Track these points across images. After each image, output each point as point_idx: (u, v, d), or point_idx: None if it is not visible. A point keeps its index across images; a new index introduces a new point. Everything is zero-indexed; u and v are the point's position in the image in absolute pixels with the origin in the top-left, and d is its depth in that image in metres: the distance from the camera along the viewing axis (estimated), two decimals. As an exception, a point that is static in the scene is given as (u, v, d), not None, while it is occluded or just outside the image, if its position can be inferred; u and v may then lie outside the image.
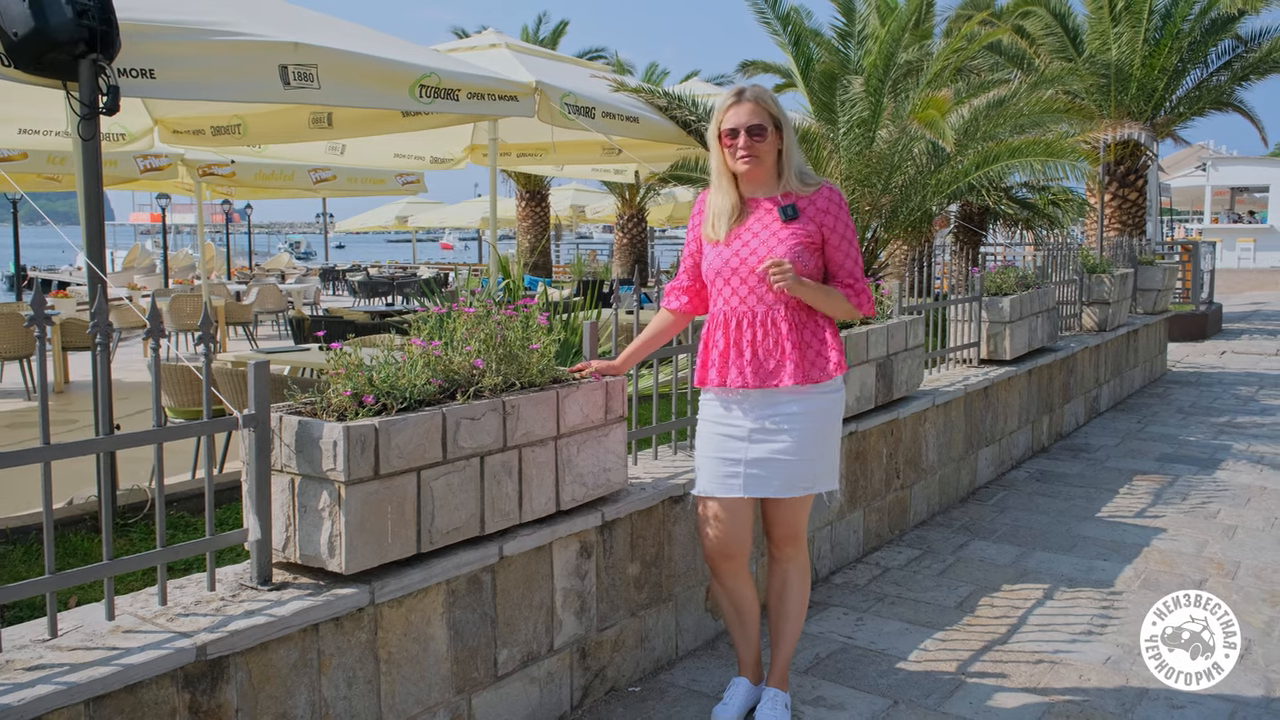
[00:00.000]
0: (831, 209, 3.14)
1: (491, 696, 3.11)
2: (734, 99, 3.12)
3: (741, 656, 3.39)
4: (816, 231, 3.11)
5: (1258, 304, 21.17)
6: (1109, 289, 8.91)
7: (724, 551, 3.21)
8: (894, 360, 5.18)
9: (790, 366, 3.06)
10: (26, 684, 2.12)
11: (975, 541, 5.38)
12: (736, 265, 3.11)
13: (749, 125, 3.07)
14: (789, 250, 3.05)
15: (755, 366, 3.08)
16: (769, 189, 3.17)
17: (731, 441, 3.14)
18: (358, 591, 2.68)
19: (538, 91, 6.90)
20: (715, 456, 3.17)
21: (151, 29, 4.61)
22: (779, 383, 3.07)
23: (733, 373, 3.10)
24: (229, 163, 11.09)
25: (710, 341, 3.18)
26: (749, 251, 3.11)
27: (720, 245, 3.15)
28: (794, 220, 3.10)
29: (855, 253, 3.20)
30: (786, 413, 3.09)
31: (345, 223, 32.89)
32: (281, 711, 2.55)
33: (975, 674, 3.78)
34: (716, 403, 3.19)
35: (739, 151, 3.08)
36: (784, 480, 3.13)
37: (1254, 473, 6.83)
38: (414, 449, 2.77)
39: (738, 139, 3.08)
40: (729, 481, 3.14)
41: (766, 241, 3.09)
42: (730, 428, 3.14)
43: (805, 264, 3.07)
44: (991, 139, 7.73)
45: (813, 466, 3.15)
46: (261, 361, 2.62)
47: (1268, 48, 13.95)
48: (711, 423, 3.20)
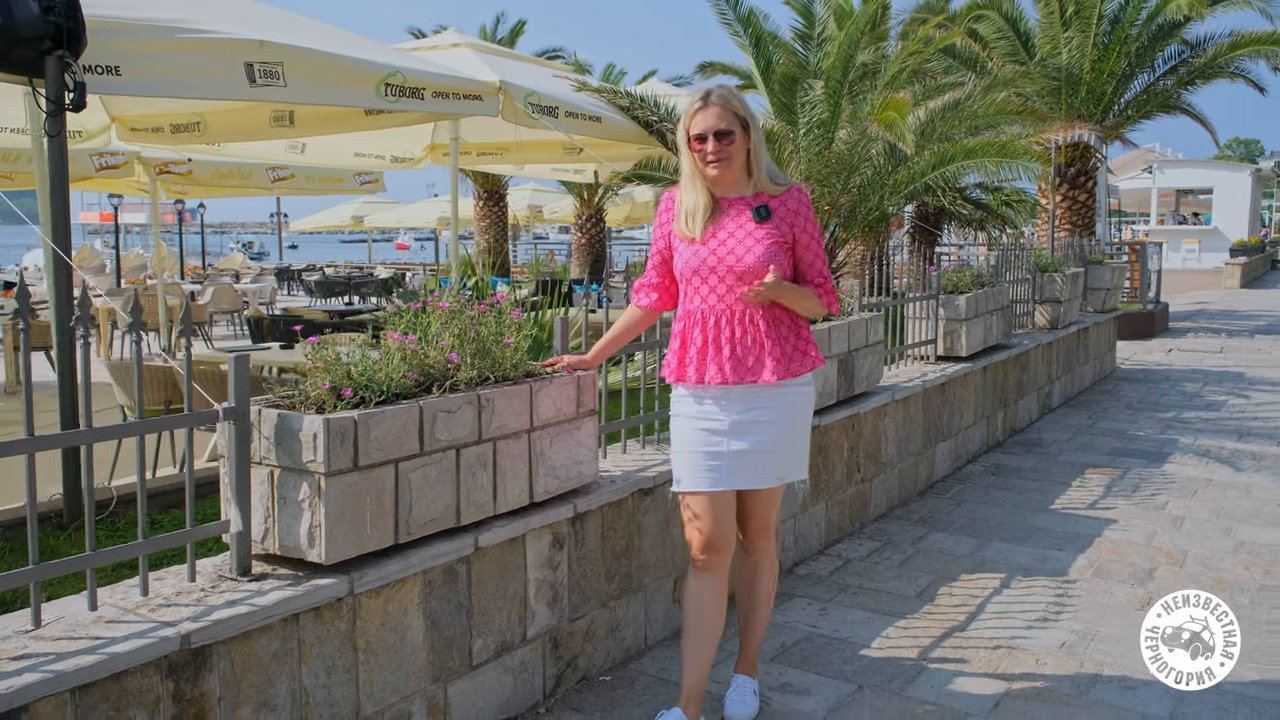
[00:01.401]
0: (802, 210, 3.18)
1: (467, 685, 3.16)
2: (700, 103, 3.12)
3: (686, 682, 3.19)
4: (789, 231, 3.15)
5: (1202, 303, 21.71)
6: (1060, 288, 9.13)
7: (713, 544, 3.17)
8: (855, 356, 5.30)
9: (771, 362, 3.09)
10: (13, 673, 2.14)
11: (934, 533, 5.51)
12: (714, 264, 3.12)
13: (717, 130, 3.08)
14: (766, 250, 3.08)
15: (735, 363, 3.09)
16: (740, 188, 3.19)
17: (712, 435, 3.14)
18: (337, 582, 2.72)
19: (502, 91, 6.95)
20: (696, 451, 3.16)
21: (117, 25, 4.60)
22: (759, 379, 3.09)
23: (712, 369, 3.11)
24: (186, 161, 10.98)
25: (688, 339, 3.17)
26: (726, 251, 3.11)
27: (696, 243, 3.15)
28: (767, 220, 3.13)
29: (822, 252, 3.25)
30: (766, 406, 3.13)
31: (300, 222, 32.53)
32: (263, 700, 2.58)
33: (936, 660, 3.90)
34: (693, 398, 3.19)
35: (708, 156, 3.09)
36: (764, 471, 3.17)
37: (1200, 466, 7.05)
38: (392, 441, 2.82)
39: (706, 144, 3.09)
40: (711, 475, 3.13)
41: (744, 241, 3.11)
42: (710, 422, 3.14)
43: (780, 264, 3.10)
44: (947, 140, 7.89)
45: (789, 457, 3.22)
46: (242, 355, 2.65)
47: (1213, 53, 14.33)
48: (690, 418, 3.19)
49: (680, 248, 3.21)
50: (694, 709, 3.18)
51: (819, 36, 7.90)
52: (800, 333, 3.20)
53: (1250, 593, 4.62)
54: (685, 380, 3.16)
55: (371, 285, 21.25)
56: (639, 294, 3.40)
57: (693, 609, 3.19)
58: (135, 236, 53.89)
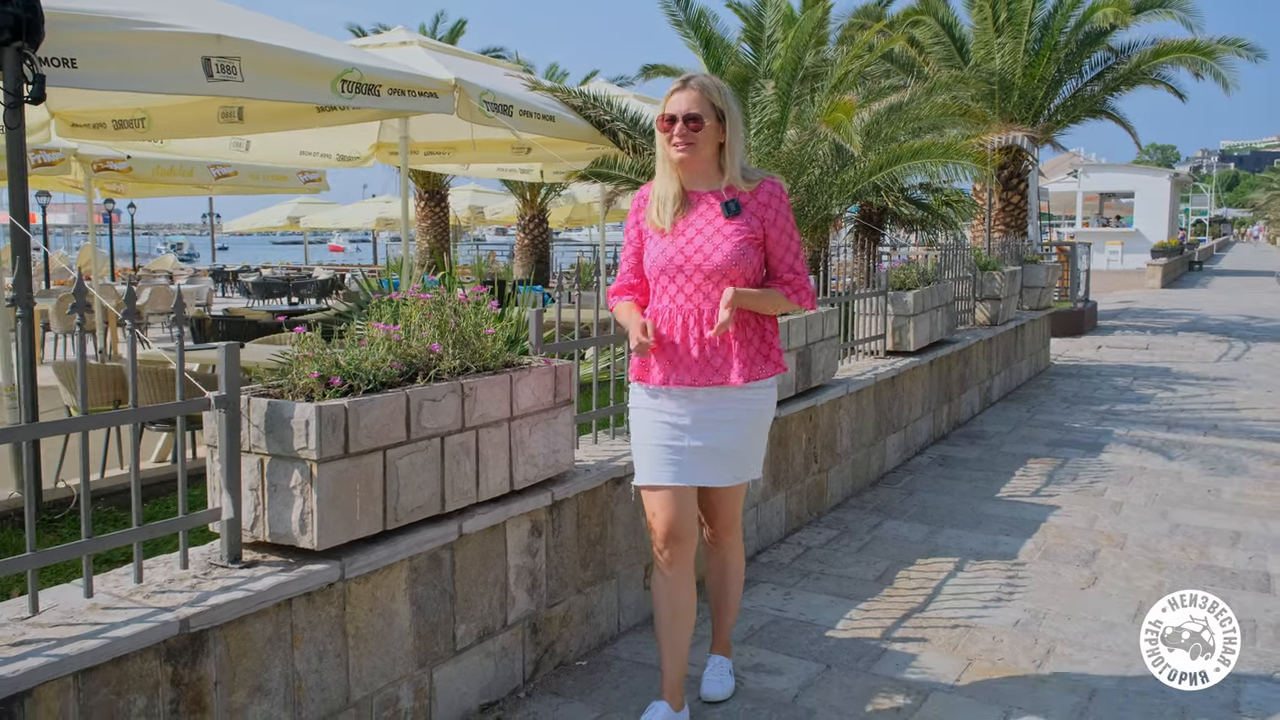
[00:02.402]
0: (773, 202, 3.12)
1: (451, 670, 3.21)
2: (679, 85, 3.06)
3: (666, 673, 3.23)
4: (759, 226, 3.10)
5: (1127, 302, 22.44)
6: (1000, 285, 9.41)
7: (673, 534, 3.15)
8: (812, 349, 5.44)
9: (737, 365, 3.07)
10: (16, 657, 2.15)
11: (888, 521, 5.68)
12: (681, 263, 3.08)
13: (686, 113, 3.02)
14: (734, 247, 3.04)
15: (703, 365, 3.08)
16: (711, 182, 3.14)
17: (673, 430, 3.12)
18: (328, 567, 2.76)
19: (457, 89, 6.98)
20: (656, 444, 3.13)
21: (76, 18, 4.56)
22: (725, 381, 3.07)
23: (680, 372, 3.09)
24: (125, 158, 10.78)
25: (656, 339, 3.11)
26: (694, 249, 3.08)
27: (664, 238, 3.12)
28: (736, 216, 3.08)
29: (795, 246, 3.18)
30: (729, 407, 3.11)
31: (234, 223, 31.92)
32: (257, 684, 2.61)
33: (899, 639, 4.04)
34: (654, 394, 3.16)
35: (674, 139, 3.04)
36: (723, 469, 3.15)
37: (1134, 454, 7.34)
38: (380, 429, 2.86)
39: (674, 126, 3.04)
40: (670, 469, 3.11)
41: (711, 239, 3.07)
42: (671, 415, 3.12)
43: (750, 261, 3.07)
44: (892, 141, 8.10)
45: (748, 457, 3.21)
46: (232, 345, 2.67)
47: (1136, 59, 14.84)
48: (650, 410, 3.16)
49: (650, 244, 3.17)
50: (678, 699, 3.23)
51: (768, 39, 8.05)
52: (765, 335, 3.17)
53: (1187, 572, 4.85)
54: (649, 381, 3.14)
55: (311, 286, 21.00)
56: (615, 298, 3.32)
57: (664, 603, 3.20)
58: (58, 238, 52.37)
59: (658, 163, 3.18)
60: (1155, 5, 14.31)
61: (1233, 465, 6.99)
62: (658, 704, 3.22)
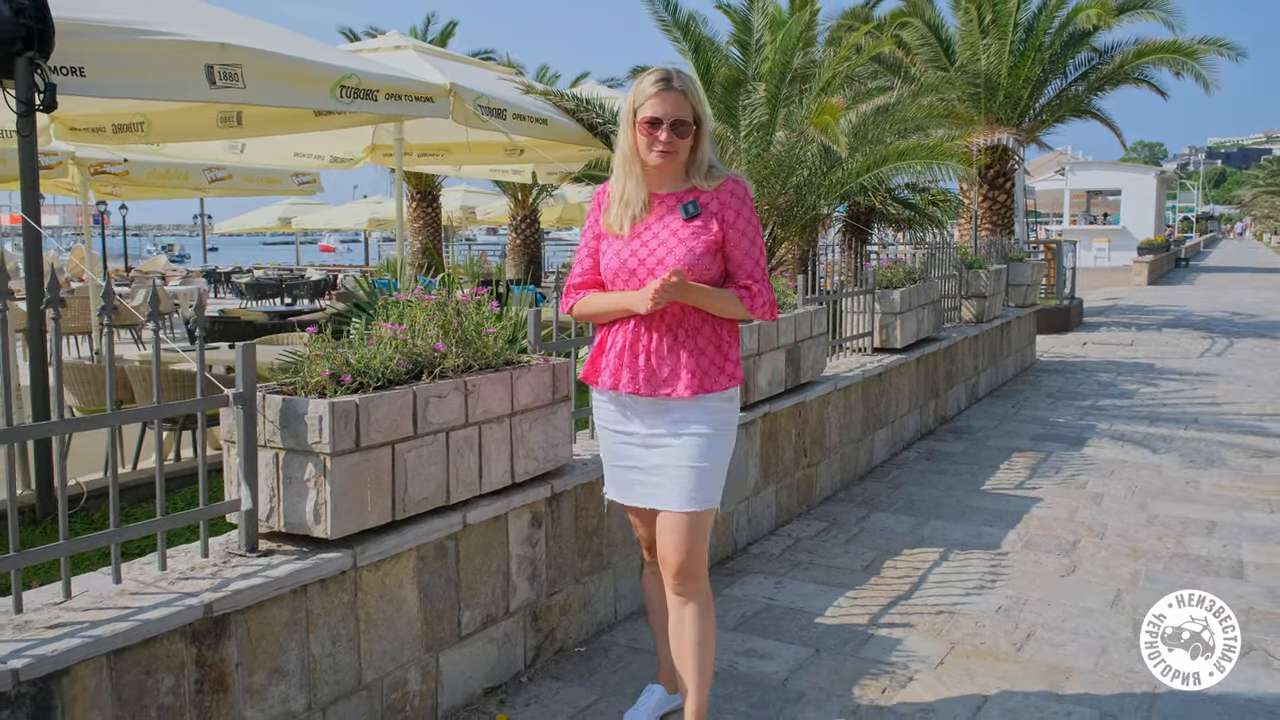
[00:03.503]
0: (733, 202, 2.92)
1: (456, 655, 3.36)
2: (662, 84, 2.85)
3: (662, 658, 3.30)
4: (717, 227, 2.91)
5: (1113, 299, 22.68)
6: (986, 283, 9.59)
7: (651, 549, 3.14)
8: (801, 347, 5.59)
9: (685, 376, 2.89)
10: (55, 638, 2.29)
11: (876, 513, 5.84)
12: (635, 266, 2.91)
13: (675, 120, 2.83)
14: (688, 251, 2.86)
15: (649, 374, 2.91)
16: (673, 183, 2.97)
17: (629, 448, 3.00)
18: (341, 555, 2.90)
19: (452, 93, 7.12)
20: (617, 464, 3.05)
21: (84, 28, 4.69)
22: (671, 392, 2.90)
23: (625, 377, 2.93)
24: (122, 161, 10.87)
25: (608, 340, 3.00)
26: (647, 252, 2.91)
27: (619, 241, 2.95)
28: (695, 218, 2.91)
29: (756, 250, 2.95)
30: (679, 419, 2.92)
31: (225, 224, 31.99)
32: (275, 666, 2.75)
33: (885, 624, 4.20)
34: (609, 404, 3.03)
35: (658, 145, 2.84)
36: (675, 492, 2.91)
37: (1116, 448, 7.51)
38: (390, 424, 3.00)
39: (658, 130, 2.84)
40: (634, 490, 3.01)
41: (666, 241, 2.89)
42: (626, 436, 3.00)
43: (707, 266, 2.88)
44: (879, 142, 8.27)
45: (703, 481, 2.91)
46: (249, 345, 2.81)
47: (1120, 60, 15.05)
48: (607, 428, 3.06)
49: (606, 246, 3.00)
50: (673, 682, 3.24)
51: (756, 43, 8.21)
52: (721, 345, 2.96)
53: (1164, 560, 5.03)
54: (599, 384, 3.01)
55: (304, 287, 21.09)
56: (569, 298, 3.10)
57: (654, 595, 3.22)
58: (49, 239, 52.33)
59: (619, 160, 2.96)
60: (1137, 6, 14.52)
61: (1211, 458, 7.18)
62: (653, 686, 3.35)
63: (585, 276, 3.05)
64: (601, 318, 3.03)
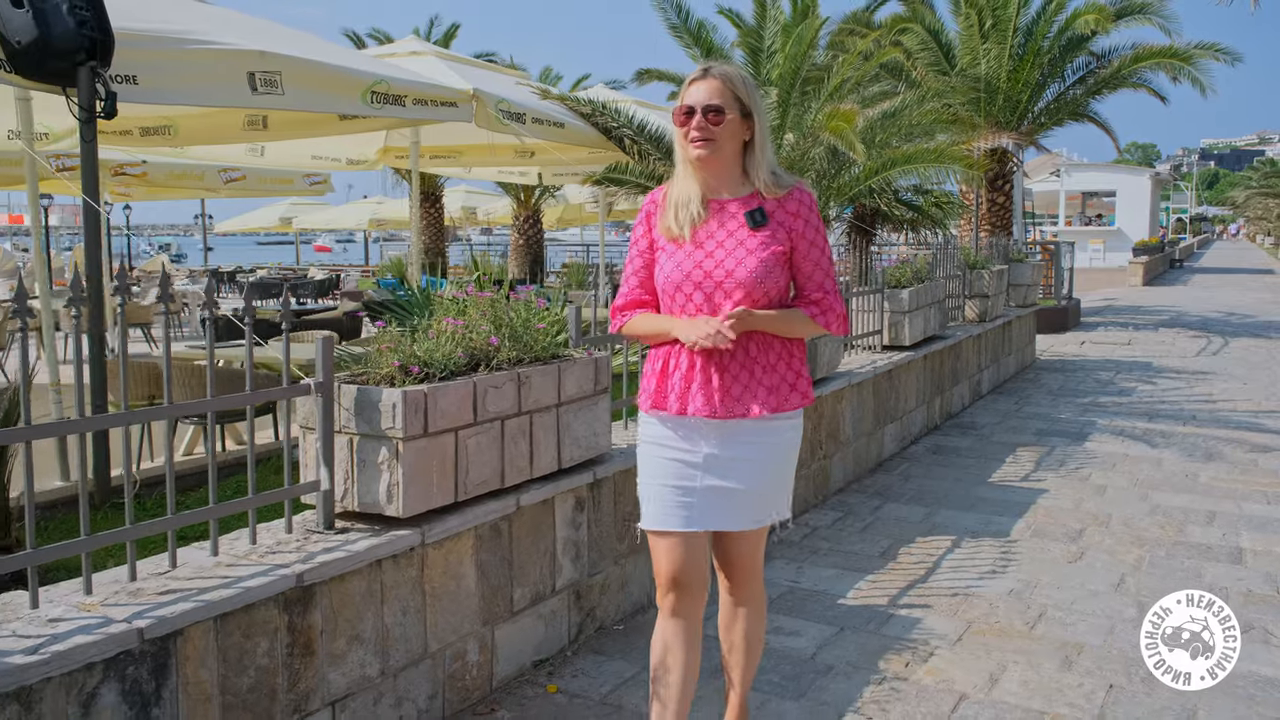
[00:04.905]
0: (803, 212, 2.77)
1: (509, 629, 3.59)
2: (699, 74, 2.74)
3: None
4: (786, 238, 2.75)
5: (1109, 300, 22.97)
6: (988, 283, 9.84)
7: (681, 583, 2.81)
8: (818, 344, 5.83)
9: (762, 394, 2.74)
10: (169, 602, 2.52)
11: (888, 504, 6.08)
12: (700, 278, 2.72)
13: (706, 104, 2.67)
14: (760, 263, 2.70)
15: (723, 394, 2.73)
16: (734, 188, 2.78)
17: (686, 468, 2.78)
18: (411, 533, 3.13)
19: (475, 98, 7.34)
20: (666, 484, 2.80)
21: (136, 37, 4.90)
22: (747, 413, 2.73)
23: (699, 400, 2.73)
24: (140, 162, 11.08)
25: (670, 363, 2.79)
26: (714, 264, 2.72)
27: (679, 249, 2.77)
28: (763, 227, 2.73)
29: (826, 262, 2.82)
30: (749, 442, 2.76)
31: (226, 223, 32.16)
32: (354, 634, 2.98)
33: (904, 605, 4.44)
34: (665, 426, 2.81)
35: (692, 133, 2.69)
36: (741, 512, 2.79)
37: (1117, 443, 7.77)
38: (453, 411, 3.23)
39: (692, 119, 2.70)
40: (681, 512, 2.78)
41: (734, 252, 2.71)
42: (684, 453, 2.78)
43: (776, 279, 2.73)
44: (886, 146, 8.51)
45: (770, 497, 2.83)
46: (328, 337, 3.04)
47: (1117, 64, 15.33)
48: (658, 445, 2.83)
49: (663, 256, 2.81)
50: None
51: (767, 49, 8.45)
52: (792, 362, 2.82)
53: (1166, 547, 5.27)
54: (665, 409, 2.79)
55: (308, 287, 21.27)
56: (615, 319, 2.94)
57: (658, 662, 2.87)
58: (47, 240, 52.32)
59: (677, 163, 2.85)
60: (1134, 12, 14.80)
61: (1209, 452, 7.43)
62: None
63: (631, 296, 2.89)
64: (646, 339, 2.89)
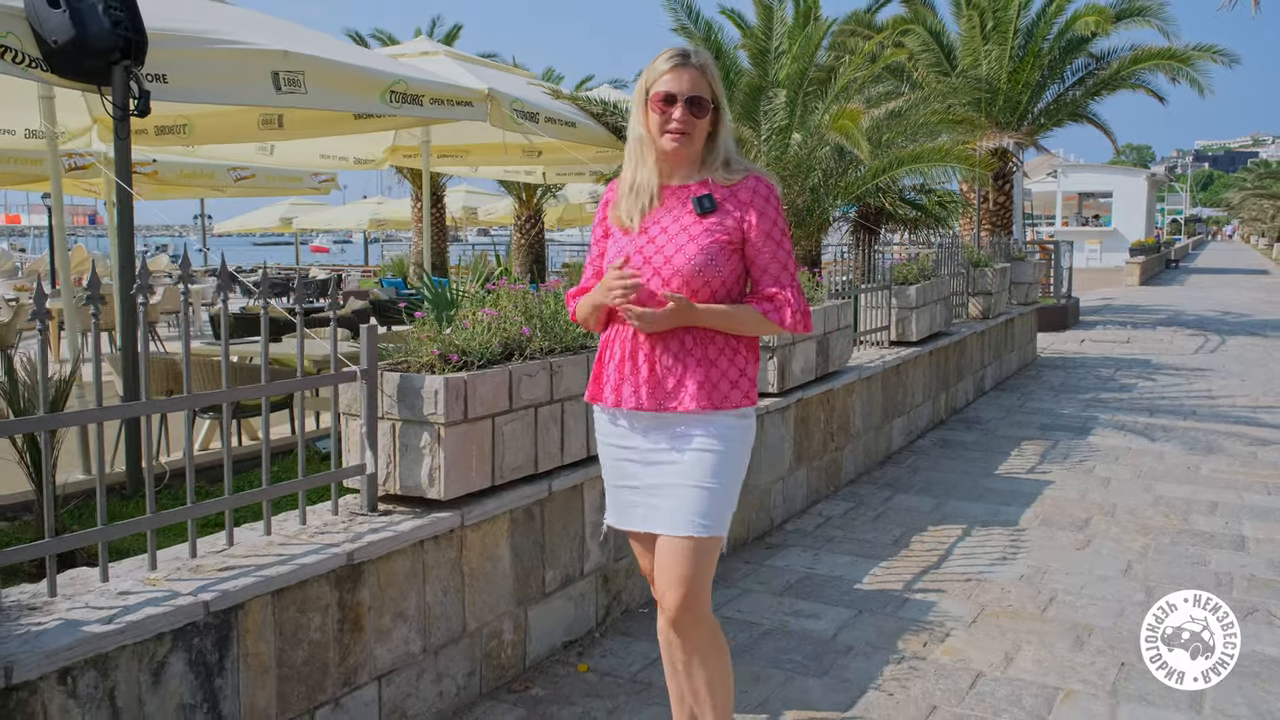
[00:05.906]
0: (756, 201, 2.61)
1: (542, 610, 3.71)
2: (679, 59, 2.57)
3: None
4: (736, 228, 2.60)
5: (1107, 299, 23.13)
6: (991, 281, 9.97)
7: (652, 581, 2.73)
8: (830, 338, 5.96)
9: (692, 387, 2.58)
10: (229, 578, 2.63)
11: (898, 495, 6.21)
12: (639, 264, 2.60)
13: (690, 96, 2.54)
14: (700, 251, 2.56)
15: (652, 385, 2.60)
16: (686, 174, 2.66)
17: (628, 465, 2.69)
18: (451, 515, 3.25)
19: (490, 98, 7.45)
20: (615, 484, 2.75)
21: (165, 37, 5.01)
22: (677, 406, 2.59)
23: (626, 390, 2.62)
24: (151, 161, 11.17)
25: (607, 351, 2.70)
26: (654, 249, 2.60)
27: (625, 236, 2.66)
28: (710, 214, 2.60)
29: (784, 254, 2.64)
30: (686, 437, 2.60)
31: (227, 223, 32.21)
32: (399, 611, 3.10)
33: (919, 590, 4.56)
34: (609, 419, 2.73)
35: (672, 124, 2.55)
36: (675, 515, 2.58)
37: (1119, 437, 7.90)
38: (491, 398, 3.35)
39: (673, 108, 2.54)
40: (632, 512, 2.71)
41: (676, 238, 2.59)
42: (626, 451, 2.69)
43: (718, 268, 2.58)
44: (891, 146, 8.65)
45: (709, 504, 2.57)
46: (373, 326, 3.16)
47: (1116, 65, 15.46)
48: (608, 443, 2.75)
49: (610, 244, 2.73)
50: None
51: (775, 50, 8.58)
52: (735, 359, 2.64)
53: (1171, 535, 5.40)
54: (602, 401, 2.70)
55: (311, 286, 21.36)
56: (570, 304, 2.87)
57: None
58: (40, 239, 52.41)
59: (630, 147, 2.67)
60: (1134, 14, 14.94)
61: (1210, 446, 7.57)
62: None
63: (585, 285, 2.82)
64: (590, 323, 2.77)
